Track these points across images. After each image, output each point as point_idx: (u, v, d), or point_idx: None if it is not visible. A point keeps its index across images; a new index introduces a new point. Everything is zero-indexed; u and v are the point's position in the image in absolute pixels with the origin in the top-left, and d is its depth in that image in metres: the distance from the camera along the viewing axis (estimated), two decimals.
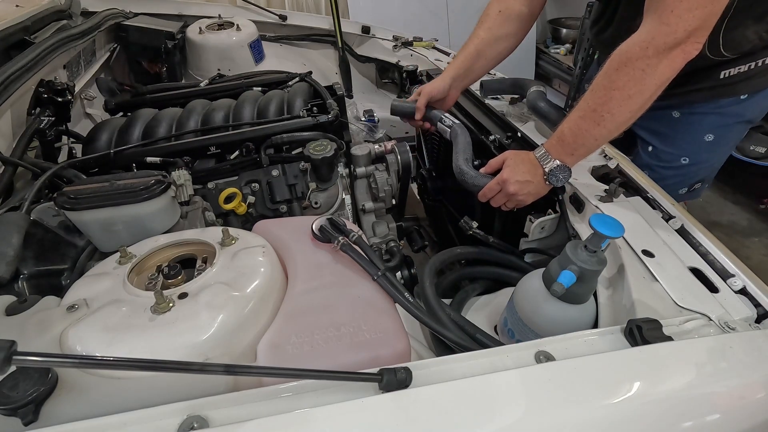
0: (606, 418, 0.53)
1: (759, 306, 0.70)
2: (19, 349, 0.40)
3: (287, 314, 0.67)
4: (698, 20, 0.77)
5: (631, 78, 0.82)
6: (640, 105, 0.84)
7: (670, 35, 0.78)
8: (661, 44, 0.78)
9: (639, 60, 0.80)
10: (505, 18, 1.18)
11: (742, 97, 1.13)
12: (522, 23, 1.19)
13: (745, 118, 1.17)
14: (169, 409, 0.51)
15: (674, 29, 0.77)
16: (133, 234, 0.83)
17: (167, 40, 1.87)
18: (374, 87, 2.36)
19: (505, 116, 1.27)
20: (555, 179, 0.93)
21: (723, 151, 1.25)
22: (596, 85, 0.86)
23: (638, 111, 0.85)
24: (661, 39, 0.78)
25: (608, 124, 0.86)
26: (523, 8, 1.18)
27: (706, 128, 1.18)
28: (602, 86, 0.85)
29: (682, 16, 0.76)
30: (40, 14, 1.47)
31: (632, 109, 0.85)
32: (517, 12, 1.18)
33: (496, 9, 1.19)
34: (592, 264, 0.70)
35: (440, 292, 0.95)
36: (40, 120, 1.16)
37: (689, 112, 1.18)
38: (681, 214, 0.88)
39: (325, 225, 0.80)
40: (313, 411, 0.51)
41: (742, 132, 1.23)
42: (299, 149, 1.19)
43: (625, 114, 0.85)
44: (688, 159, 1.23)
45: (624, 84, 0.82)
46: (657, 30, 0.79)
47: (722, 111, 1.15)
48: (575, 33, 3.57)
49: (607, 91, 0.84)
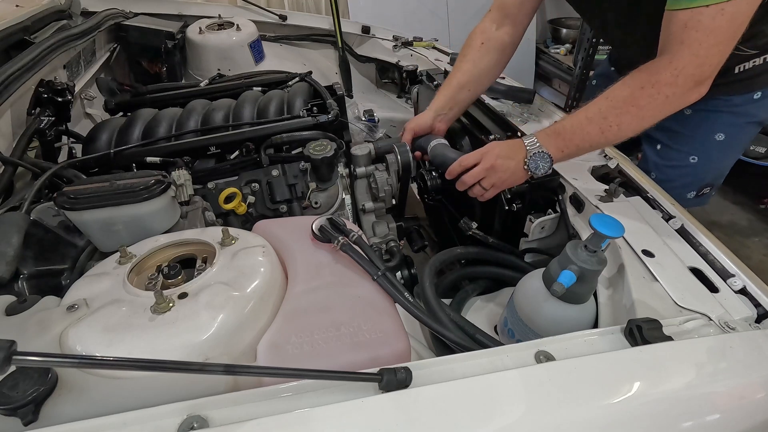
0: (606, 418, 0.53)
1: (759, 306, 0.70)
2: (19, 349, 0.40)
3: (287, 314, 0.67)
4: (720, 56, 0.80)
5: (654, 101, 0.83)
6: (645, 127, 0.87)
7: (699, 67, 0.80)
8: (690, 75, 0.81)
9: (667, 86, 0.82)
10: (488, 49, 1.20)
11: (755, 96, 1.12)
12: (504, 53, 1.21)
13: (757, 119, 1.17)
14: (169, 409, 0.51)
15: (703, 61, 0.80)
16: (133, 234, 0.83)
17: (167, 40, 1.86)
18: (374, 87, 2.36)
19: (505, 116, 1.27)
20: (534, 165, 0.93)
21: (732, 152, 1.25)
22: (615, 95, 0.87)
23: (639, 131, 0.88)
24: (691, 70, 0.81)
25: (611, 135, 0.88)
26: (506, 38, 1.20)
27: (718, 127, 1.18)
28: (622, 98, 0.86)
29: (711, 50, 0.79)
30: (40, 14, 1.47)
31: (637, 128, 0.87)
32: (500, 43, 1.20)
33: (479, 41, 1.21)
34: (592, 264, 0.70)
35: (440, 292, 0.95)
36: (40, 120, 1.16)
37: (702, 109, 1.17)
38: (681, 214, 0.88)
39: (325, 225, 0.80)
40: (313, 411, 0.51)
41: (753, 133, 1.22)
42: (299, 149, 1.19)
43: (630, 131, 0.87)
44: (697, 158, 1.22)
45: (645, 104, 0.84)
46: (688, 60, 0.80)
47: (735, 110, 1.15)
48: (575, 33, 3.57)
49: (626, 105, 0.86)
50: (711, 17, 0.77)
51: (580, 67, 3.02)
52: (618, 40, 1.20)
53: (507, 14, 1.18)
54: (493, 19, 1.21)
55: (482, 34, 1.21)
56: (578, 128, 0.90)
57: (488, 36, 1.20)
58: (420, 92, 1.77)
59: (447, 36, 3.41)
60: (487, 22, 1.22)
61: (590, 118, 0.89)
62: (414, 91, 1.80)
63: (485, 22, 1.22)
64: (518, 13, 1.18)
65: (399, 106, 2.15)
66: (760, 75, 1.10)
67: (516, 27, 1.19)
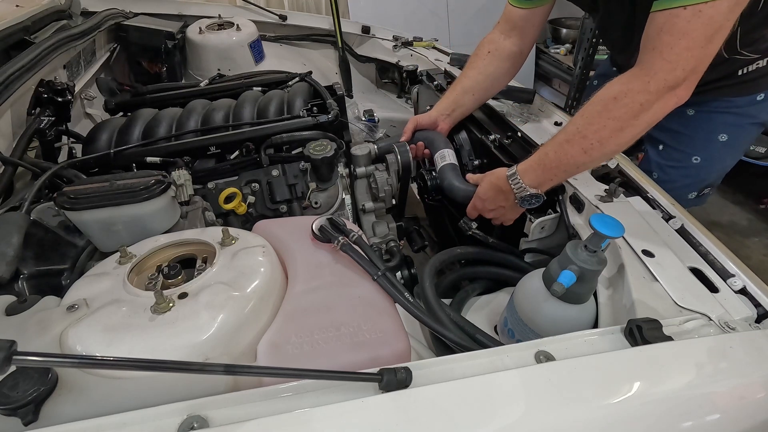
0: (606, 418, 0.53)
1: (759, 306, 0.70)
2: (19, 349, 0.40)
3: (287, 314, 0.67)
4: (695, 60, 0.78)
5: (630, 110, 0.82)
6: (629, 140, 0.85)
7: (671, 72, 0.78)
8: (662, 80, 0.79)
9: (640, 93, 0.80)
10: (494, 58, 1.22)
11: (758, 98, 1.13)
12: (512, 62, 1.23)
13: (759, 120, 1.18)
14: (169, 409, 0.51)
15: (674, 66, 0.78)
16: (133, 234, 0.83)
17: (167, 40, 1.86)
18: (374, 87, 2.36)
19: (506, 116, 1.27)
20: (527, 203, 0.96)
21: (735, 153, 1.25)
22: (589, 111, 0.86)
23: (624, 146, 0.86)
24: (662, 75, 0.79)
25: (595, 153, 0.86)
26: (514, 48, 1.21)
27: (721, 127, 1.18)
28: (596, 113, 0.85)
29: (682, 55, 0.77)
30: (40, 14, 1.47)
31: (620, 142, 0.85)
32: (507, 52, 1.21)
33: (486, 50, 1.23)
34: (592, 264, 0.70)
35: (440, 292, 0.95)
36: (40, 120, 1.16)
37: (705, 110, 1.18)
38: (681, 214, 0.88)
39: (325, 225, 0.80)
40: (313, 411, 0.51)
41: (755, 134, 1.23)
42: (299, 149, 1.19)
43: (612, 145, 0.85)
44: (700, 158, 1.23)
45: (620, 115, 0.82)
46: (659, 65, 0.79)
47: (738, 111, 1.15)
48: (575, 33, 3.56)
49: (602, 119, 0.84)
50: (686, 20, 0.75)
51: (580, 67, 3.02)
52: (618, 45, 1.21)
53: (514, 26, 1.20)
54: (501, 30, 1.22)
55: (490, 44, 1.23)
56: (562, 155, 0.88)
57: (495, 46, 1.22)
58: (420, 92, 1.77)
59: (447, 36, 3.41)
60: (495, 33, 1.24)
61: (570, 140, 0.87)
62: (414, 91, 1.80)
63: (494, 33, 1.24)
64: (525, 25, 1.19)
65: (399, 106, 2.15)
66: (764, 77, 1.10)
67: (523, 38, 1.20)
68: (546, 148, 0.92)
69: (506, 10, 1.21)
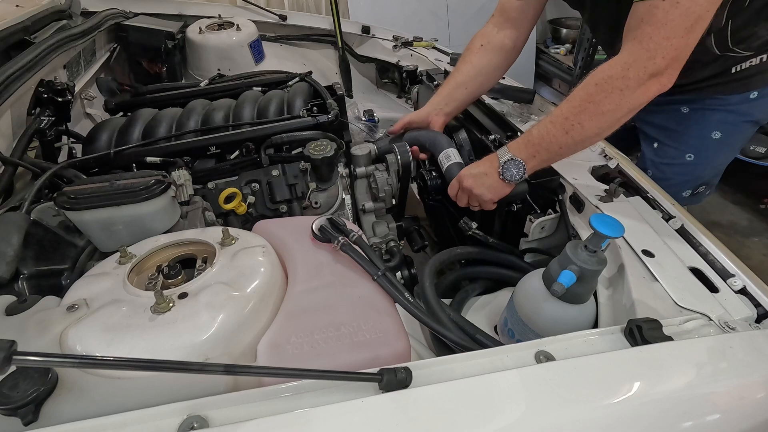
0: (606, 418, 0.53)
1: (759, 306, 0.70)
2: (19, 349, 0.40)
3: (287, 314, 0.67)
4: (675, 50, 0.80)
5: (609, 95, 0.84)
6: (610, 124, 0.87)
7: (650, 60, 0.81)
8: (641, 68, 0.81)
9: (619, 79, 0.83)
10: (487, 52, 1.22)
11: (752, 96, 1.13)
12: (504, 55, 1.22)
13: (753, 118, 1.18)
14: (169, 409, 0.51)
15: (653, 54, 0.80)
16: (133, 234, 0.83)
17: (167, 40, 1.86)
18: (374, 87, 2.36)
19: (506, 116, 1.27)
20: (509, 174, 0.95)
21: (729, 151, 1.25)
22: (573, 95, 0.89)
23: (607, 129, 0.88)
24: (641, 63, 0.81)
25: (576, 135, 0.88)
26: (507, 41, 1.21)
27: (714, 125, 1.19)
28: (579, 97, 0.88)
29: (661, 44, 0.80)
30: (40, 14, 1.47)
31: (602, 125, 0.87)
32: (500, 46, 1.21)
33: (479, 43, 1.23)
34: (592, 264, 0.70)
35: (440, 292, 0.95)
36: (40, 120, 1.16)
37: (699, 107, 1.18)
38: (681, 214, 0.88)
39: (325, 225, 0.80)
40: (313, 411, 0.51)
41: (749, 133, 1.23)
42: (299, 149, 1.19)
43: (594, 128, 0.88)
44: (694, 156, 1.23)
45: (601, 99, 0.85)
46: (638, 54, 0.82)
47: (732, 108, 1.16)
48: (575, 33, 3.57)
49: (583, 102, 0.87)
50: (665, 11, 0.78)
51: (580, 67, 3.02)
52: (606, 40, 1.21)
53: (508, 18, 1.20)
54: (495, 23, 1.22)
55: (482, 37, 1.23)
56: (544, 132, 0.91)
57: (488, 39, 1.22)
58: (420, 92, 1.77)
59: (447, 36, 3.41)
60: (488, 26, 1.23)
61: (553, 121, 0.91)
62: (414, 91, 1.80)
63: (487, 27, 1.24)
64: (519, 17, 1.19)
65: (399, 106, 2.15)
66: (756, 75, 1.10)
67: (518, 31, 1.20)
68: (532, 128, 0.95)
69: (501, 2, 1.21)
